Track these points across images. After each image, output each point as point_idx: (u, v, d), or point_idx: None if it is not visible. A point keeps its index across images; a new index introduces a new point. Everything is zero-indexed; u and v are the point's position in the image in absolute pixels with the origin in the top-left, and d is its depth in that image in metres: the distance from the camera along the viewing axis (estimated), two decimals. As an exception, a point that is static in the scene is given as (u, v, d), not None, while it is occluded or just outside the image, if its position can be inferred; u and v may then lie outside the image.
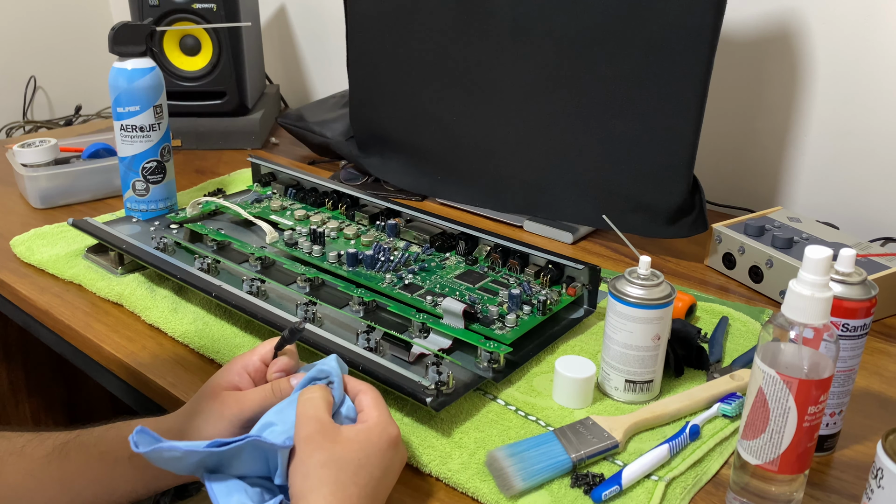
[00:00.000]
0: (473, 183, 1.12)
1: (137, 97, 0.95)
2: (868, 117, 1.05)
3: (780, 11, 1.09)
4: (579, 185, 1.03)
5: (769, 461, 0.55)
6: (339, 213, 1.02)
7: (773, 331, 0.55)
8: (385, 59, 1.14)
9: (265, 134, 1.46)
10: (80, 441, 0.62)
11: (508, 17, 1.00)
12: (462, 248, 0.91)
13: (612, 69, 0.96)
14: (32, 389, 1.44)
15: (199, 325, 0.82)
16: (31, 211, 1.12)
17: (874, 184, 1.07)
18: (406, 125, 1.16)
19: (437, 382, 0.67)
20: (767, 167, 1.16)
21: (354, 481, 0.53)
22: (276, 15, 1.72)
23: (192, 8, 1.32)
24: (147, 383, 0.76)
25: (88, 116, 1.85)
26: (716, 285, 0.94)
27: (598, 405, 0.70)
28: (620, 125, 0.98)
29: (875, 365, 0.79)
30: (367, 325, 0.77)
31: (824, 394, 0.54)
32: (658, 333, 0.68)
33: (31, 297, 0.90)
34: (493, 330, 0.76)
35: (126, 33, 0.94)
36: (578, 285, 0.83)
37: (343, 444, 0.54)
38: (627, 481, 0.60)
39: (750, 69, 1.14)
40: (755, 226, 0.94)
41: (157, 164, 0.99)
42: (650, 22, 0.92)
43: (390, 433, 0.56)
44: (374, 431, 0.56)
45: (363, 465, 0.54)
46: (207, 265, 0.87)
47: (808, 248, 0.53)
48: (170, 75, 1.36)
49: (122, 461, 0.60)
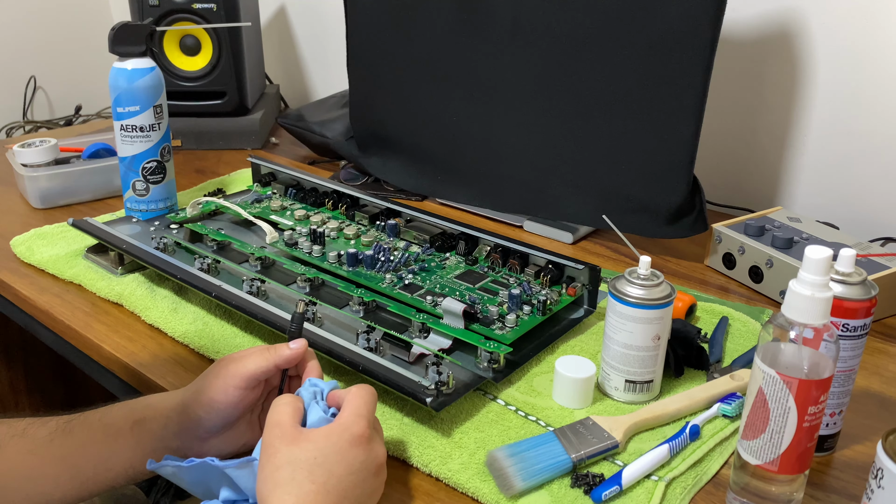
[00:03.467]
0: (473, 183, 1.12)
1: (137, 97, 0.95)
2: (868, 117, 1.05)
3: (780, 11, 1.09)
4: (579, 185, 1.03)
5: (769, 461, 0.55)
6: (339, 213, 1.02)
7: (773, 331, 0.55)
8: (385, 59, 1.14)
9: (265, 134, 1.46)
10: (85, 417, 0.63)
11: (508, 17, 1.00)
12: (462, 248, 0.91)
13: (612, 69, 0.96)
14: (32, 389, 1.44)
15: (199, 325, 0.82)
16: (31, 211, 1.12)
17: (874, 184, 1.07)
18: (406, 125, 1.16)
19: (437, 382, 0.67)
20: (767, 167, 1.16)
21: (311, 479, 0.52)
22: (276, 15, 1.72)
23: (192, 8, 1.32)
24: (147, 383, 0.76)
25: (88, 116, 1.85)
26: (716, 285, 0.94)
27: (598, 405, 0.70)
28: (620, 125, 0.98)
29: (875, 365, 0.79)
30: (367, 325, 0.77)
31: (824, 394, 0.54)
32: (658, 333, 0.68)
33: (31, 297, 0.90)
34: (493, 330, 0.76)
35: (126, 33, 0.94)
36: (578, 285, 0.83)
37: (300, 445, 0.54)
38: (627, 481, 0.60)
39: (750, 69, 1.14)
40: (755, 226, 0.94)
41: (157, 164, 0.99)
42: (650, 22, 0.92)
43: (353, 431, 0.55)
44: (335, 431, 0.55)
45: (320, 463, 0.53)
46: (207, 265, 0.87)
47: (808, 248, 0.53)
48: (170, 75, 1.36)
49: (123, 432, 0.61)
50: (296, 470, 0.53)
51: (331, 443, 0.54)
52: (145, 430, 0.61)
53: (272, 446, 0.54)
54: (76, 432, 0.62)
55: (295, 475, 0.52)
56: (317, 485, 0.52)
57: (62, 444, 0.62)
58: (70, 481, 0.61)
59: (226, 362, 0.62)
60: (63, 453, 0.62)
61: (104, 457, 0.61)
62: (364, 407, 0.57)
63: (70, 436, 0.62)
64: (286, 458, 0.53)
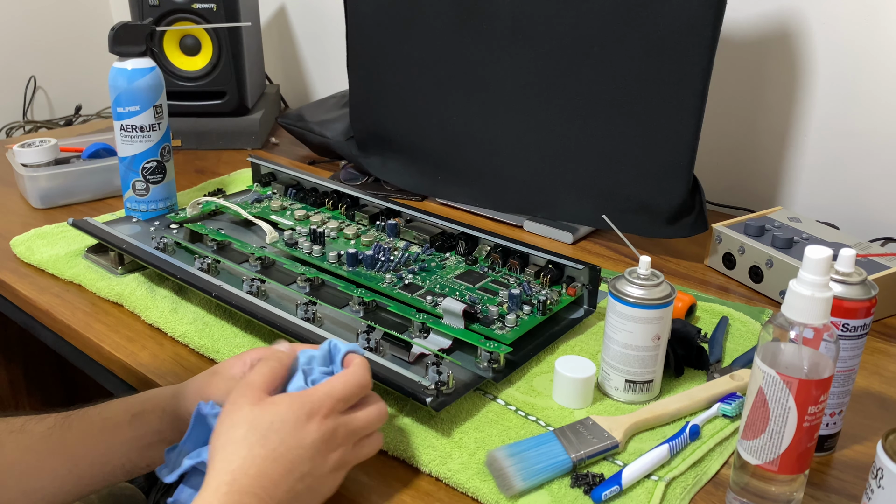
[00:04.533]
0: (473, 183, 1.12)
1: (137, 97, 0.95)
2: (868, 117, 1.05)
3: (780, 11, 1.09)
4: (579, 185, 1.03)
5: (769, 461, 0.55)
6: (339, 213, 1.02)
7: (773, 331, 0.55)
8: (385, 59, 1.14)
9: (265, 134, 1.46)
10: (84, 412, 0.64)
11: (508, 17, 1.00)
12: (462, 248, 0.91)
13: (613, 69, 0.96)
14: (32, 389, 1.44)
15: (199, 325, 0.82)
16: (31, 211, 1.12)
17: (874, 184, 1.07)
18: (406, 125, 1.16)
19: (437, 382, 0.67)
20: (767, 167, 1.16)
21: (263, 443, 0.51)
22: (276, 15, 1.72)
23: (192, 8, 1.32)
24: (147, 383, 0.76)
25: (88, 116, 1.85)
26: (716, 285, 0.94)
27: (598, 405, 0.70)
28: (620, 125, 0.98)
29: (875, 365, 0.79)
30: (367, 325, 0.77)
31: (824, 394, 0.54)
32: (658, 333, 0.68)
33: (31, 297, 0.90)
34: (493, 330, 0.76)
35: (126, 33, 0.94)
36: (578, 285, 0.83)
37: (262, 407, 0.53)
38: (627, 481, 0.60)
39: (750, 69, 1.14)
40: (755, 226, 0.94)
41: (157, 164, 0.99)
42: (650, 22, 0.92)
43: (313, 406, 0.54)
44: (298, 400, 0.54)
45: (276, 429, 0.52)
46: (207, 265, 0.87)
47: (808, 248, 0.53)
48: (170, 75, 1.36)
49: (122, 426, 0.61)
50: (250, 431, 0.52)
51: (291, 411, 0.53)
52: (143, 422, 0.61)
53: (236, 403, 0.54)
54: (75, 427, 0.63)
55: (248, 436, 0.52)
56: (266, 450, 0.51)
57: (60, 438, 0.62)
58: (67, 476, 0.61)
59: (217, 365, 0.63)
60: (61, 448, 0.62)
61: (102, 451, 0.61)
62: (341, 389, 0.56)
63: (68, 430, 0.62)
64: (245, 417, 0.53)
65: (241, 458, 0.51)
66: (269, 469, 0.51)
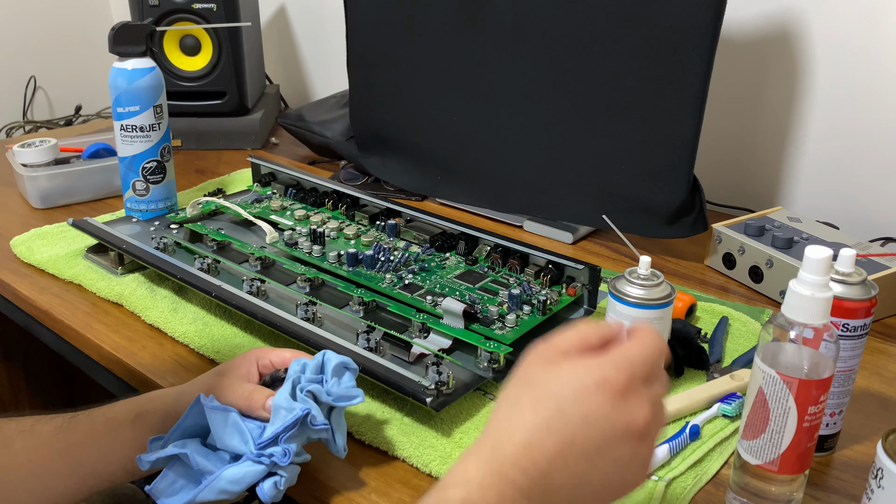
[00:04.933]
0: (473, 183, 1.12)
1: (137, 97, 0.95)
2: (868, 117, 1.05)
3: (780, 11, 1.09)
4: (579, 185, 1.03)
5: (769, 461, 0.55)
6: (339, 213, 1.02)
7: (773, 331, 0.55)
8: (385, 59, 1.14)
9: (265, 134, 1.46)
10: (89, 413, 0.64)
11: (508, 17, 1.00)
12: (462, 248, 0.91)
13: (613, 69, 0.96)
14: (32, 389, 1.44)
15: (199, 325, 0.82)
16: (31, 211, 1.12)
17: (874, 184, 1.07)
18: (406, 125, 1.16)
19: (437, 382, 0.67)
20: (767, 167, 1.16)
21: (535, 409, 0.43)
22: (276, 15, 1.72)
23: (192, 8, 1.32)
24: (147, 383, 0.76)
25: (88, 116, 1.85)
26: (716, 285, 0.94)
27: (598, 405, 0.70)
28: (620, 125, 0.98)
29: (875, 365, 0.79)
30: (367, 325, 0.77)
31: (824, 394, 0.54)
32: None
33: (31, 297, 0.90)
34: (493, 330, 0.76)
35: (126, 33, 0.94)
36: (578, 285, 0.83)
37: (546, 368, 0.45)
38: (627, 481, 0.60)
39: (750, 69, 1.14)
40: (755, 226, 0.94)
41: (157, 164, 0.99)
42: (650, 22, 0.92)
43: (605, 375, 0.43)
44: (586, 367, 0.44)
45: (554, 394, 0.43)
46: (207, 265, 0.87)
47: (808, 248, 0.53)
48: (170, 75, 1.36)
49: (125, 426, 0.62)
50: (524, 393, 0.44)
51: (576, 376, 0.43)
52: (145, 423, 0.62)
53: (531, 365, 0.46)
54: (80, 427, 0.63)
55: (521, 399, 0.44)
56: (539, 418, 0.43)
57: (65, 438, 0.63)
58: (71, 475, 0.62)
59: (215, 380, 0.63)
60: (65, 447, 0.62)
61: (104, 451, 0.62)
62: (639, 354, 0.45)
63: (74, 431, 0.63)
64: (525, 377, 0.45)
65: (508, 423, 0.43)
66: (540, 441, 0.42)
